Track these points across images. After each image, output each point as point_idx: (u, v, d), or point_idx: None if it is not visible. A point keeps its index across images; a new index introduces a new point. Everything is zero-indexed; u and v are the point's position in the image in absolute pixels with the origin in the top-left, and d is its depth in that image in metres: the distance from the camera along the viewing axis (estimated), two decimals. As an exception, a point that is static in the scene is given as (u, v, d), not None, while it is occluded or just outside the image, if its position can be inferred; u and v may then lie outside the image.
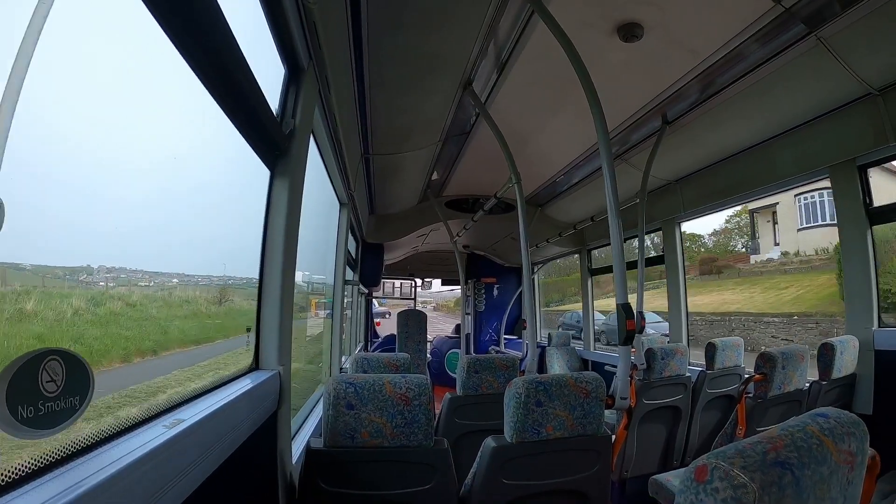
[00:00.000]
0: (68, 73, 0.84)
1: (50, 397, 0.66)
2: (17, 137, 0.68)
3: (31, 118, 0.75)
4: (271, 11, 1.44)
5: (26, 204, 0.77)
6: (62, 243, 0.88)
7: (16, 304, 0.83)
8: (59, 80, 0.82)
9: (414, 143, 3.75)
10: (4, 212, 0.64)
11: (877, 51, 2.38)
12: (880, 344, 2.81)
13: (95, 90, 0.91)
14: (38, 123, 0.78)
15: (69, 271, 0.95)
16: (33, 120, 0.76)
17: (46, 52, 0.74)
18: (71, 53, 0.82)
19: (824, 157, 3.03)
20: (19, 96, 0.68)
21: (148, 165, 1.16)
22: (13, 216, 0.64)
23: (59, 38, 0.76)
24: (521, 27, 2.43)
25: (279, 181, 1.68)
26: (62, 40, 0.78)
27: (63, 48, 0.79)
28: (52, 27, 0.75)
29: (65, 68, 0.82)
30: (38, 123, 0.78)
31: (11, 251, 0.76)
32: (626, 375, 2.21)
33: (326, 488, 1.61)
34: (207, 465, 0.99)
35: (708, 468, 0.67)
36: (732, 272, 20.68)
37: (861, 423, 0.83)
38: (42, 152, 0.80)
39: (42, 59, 0.72)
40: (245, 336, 1.66)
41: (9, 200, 0.64)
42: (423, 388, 1.71)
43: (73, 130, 0.87)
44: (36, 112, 0.76)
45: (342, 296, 4.09)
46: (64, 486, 0.63)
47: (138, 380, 1.14)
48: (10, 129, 0.66)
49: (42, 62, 0.73)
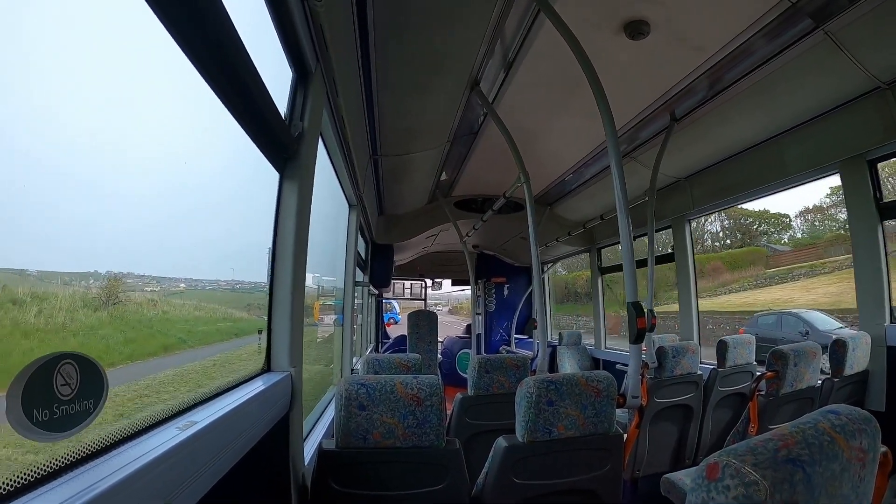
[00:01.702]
0: (76, 79, 0.85)
1: (64, 400, 0.67)
2: (25, 144, 0.69)
3: (37, 124, 0.77)
4: (278, 15, 1.45)
5: (34, 208, 0.78)
6: (70, 249, 0.89)
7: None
8: (66, 87, 0.83)
9: (422, 144, 3.75)
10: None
11: (885, 44, 2.35)
12: (893, 340, 2.78)
13: (104, 96, 0.92)
14: (42, 130, 0.79)
15: (76, 276, 0.96)
16: (39, 126, 0.77)
17: (53, 60, 0.75)
18: (77, 59, 0.83)
19: (834, 152, 3.00)
20: (27, 100, 0.69)
21: (158, 170, 1.18)
22: (19, 220, 0.65)
23: (67, 44, 0.78)
24: (528, 26, 2.43)
25: (288, 184, 1.69)
26: (71, 46, 0.79)
27: (70, 54, 0.80)
28: (60, 33, 0.77)
29: (72, 75, 0.83)
30: (43, 130, 0.79)
31: (18, 256, 0.77)
32: (637, 374, 2.20)
33: (339, 489, 1.62)
34: (220, 467, 1.00)
35: (719, 466, 0.67)
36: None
37: (873, 419, 0.82)
38: (48, 159, 0.81)
39: (49, 68, 0.74)
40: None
41: (15, 204, 0.65)
42: (434, 388, 1.71)
43: (81, 136, 0.88)
44: (41, 118, 0.78)
45: (353, 297, 4.11)
46: (79, 489, 0.64)
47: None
48: (18, 132, 0.68)
49: (49, 71, 0.74)
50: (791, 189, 3.61)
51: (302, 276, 1.73)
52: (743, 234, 21.96)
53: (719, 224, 22.62)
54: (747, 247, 20.78)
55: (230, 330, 1.85)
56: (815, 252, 17.47)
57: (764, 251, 20.03)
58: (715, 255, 20.78)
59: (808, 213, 20.09)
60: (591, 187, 4.99)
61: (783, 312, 12.20)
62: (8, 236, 0.72)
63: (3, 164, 0.70)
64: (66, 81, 0.82)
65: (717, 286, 19.23)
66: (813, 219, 20.12)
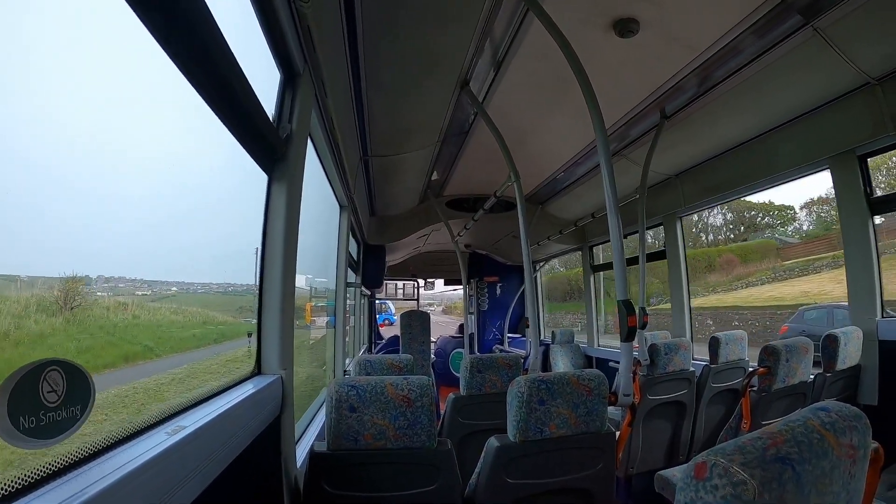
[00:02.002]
0: (60, 83, 0.84)
1: (51, 407, 0.66)
2: (12, 145, 0.68)
3: (24, 128, 0.76)
4: (265, 16, 1.44)
5: (22, 212, 0.77)
6: (60, 252, 0.88)
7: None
8: (50, 90, 0.82)
9: (413, 144, 3.75)
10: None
11: (874, 40, 2.37)
12: (884, 334, 2.81)
13: (88, 98, 0.91)
14: (31, 134, 0.78)
15: (65, 281, 0.94)
16: (27, 130, 0.76)
17: (39, 62, 0.74)
18: (61, 62, 0.82)
19: (824, 148, 3.02)
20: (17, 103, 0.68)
21: (144, 173, 1.17)
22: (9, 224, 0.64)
23: (49, 47, 0.77)
24: (517, 25, 2.43)
25: (277, 186, 1.68)
26: (52, 49, 0.78)
27: (54, 57, 0.79)
28: (47, 35, 0.76)
29: (56, 78, 0.82)
30: (31, 134, 0.78)
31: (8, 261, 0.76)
32: (629, 372, 2.20)
33: (331, 491, 1.62)
34: (210, 471, 0.99)
35: (707, 465, 0.67)
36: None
37: (863, 416, 0.82)
38: (36, 163, 0.80)
39: (35, 71, 0.73)
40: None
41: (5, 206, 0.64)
42: (424, 389, 1.71)
43: (67, 139, 0.87)
44: (28, 122, 0.77)
45: (344, 298, 4.09)
46: (65, 496, 0.63)
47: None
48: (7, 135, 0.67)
49: (35, 74, 0.73)
50: (782, 185, 3.65)
51: (292, 278, 1.72)
52: (746, 227, 21.79)
53: (721, 217, 22.45)
54: (753, 239, 20.57)
55: (208, 335, 1.78)
56: (828, 243, 17.23)
57: (773, 243, 19.92)
58: (726, 248, 20.54)
59: (814, 204, 19.97)
60: (582, 185, 5.00)
61: (833, 306, 11.64)
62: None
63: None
64: (49, 85, 0.81)
65: (731, 280, 19.03)
66: (819, 210, 20.09)
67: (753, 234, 21.36)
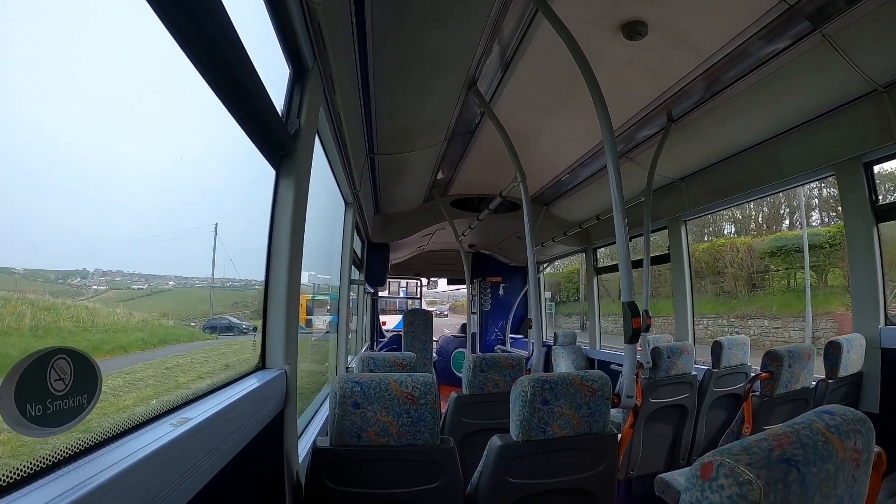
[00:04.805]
0: (71, 75, 0.84)
1: (58, 396, 0.66)
2: (19, 139, 0.68)
3: (34, 120, 0.76)
4: (276, 12, 1.45)
5: (28, 206, 0.77)
6: (64, 246, 0.88)
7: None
8: (62, 82, 0.82)
9: (419, 143, 3.75)
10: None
11: (882, 47, 2.36)
12: (887, 342, 2.80)
13: (100, 91, 0.91)
14: (40, 125, 0.78)
15: (63, 275, 0.93)
16: (37, 122, 0.76)
17: (50, 53, 0.74)
18: (74, 55, 0.82)
19: (830, 154, 3.02)
20: (22, 98, 0.69)
21: (153, 167, 1.17)
22: (13, 219, 0.64)
23: (62, 40, 0.77)
24: (526, 26, 2.43)
25: (284, 181, 1.69)
26: (65, 42, 0.79)
27: (66, 50, 0.80)
28: (55, 29, 0.76)
29: (68, 70, 0.83)
30: (41, 125, 0.78)
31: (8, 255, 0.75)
32: (632, 374, 2.20)
33: (333, 487, 1.62)
34: (214, 464, 1.00)
35: (713, 465, 0.67)
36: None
37: (867, 420, 0.82)
38: (44, 153, 0.81)
39: (45, 60, 0.73)
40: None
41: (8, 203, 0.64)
42: (429, 386, 1.71)
43: (78, 132, 0.88)
44: (38, 113, 0.77)
45: (348, 295, 4.10)
46: (71, 485, 0.64)
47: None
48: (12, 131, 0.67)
49: (45, 64, 0.73)
50: (787, 190, 3.63)
51: (297, 273, 1.73)
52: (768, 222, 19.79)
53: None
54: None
55: (148, 340, 1.32)
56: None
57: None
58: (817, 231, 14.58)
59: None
60: (587, 187, 4.99)
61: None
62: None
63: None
64: (63, 77, 0.82)
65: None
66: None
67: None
